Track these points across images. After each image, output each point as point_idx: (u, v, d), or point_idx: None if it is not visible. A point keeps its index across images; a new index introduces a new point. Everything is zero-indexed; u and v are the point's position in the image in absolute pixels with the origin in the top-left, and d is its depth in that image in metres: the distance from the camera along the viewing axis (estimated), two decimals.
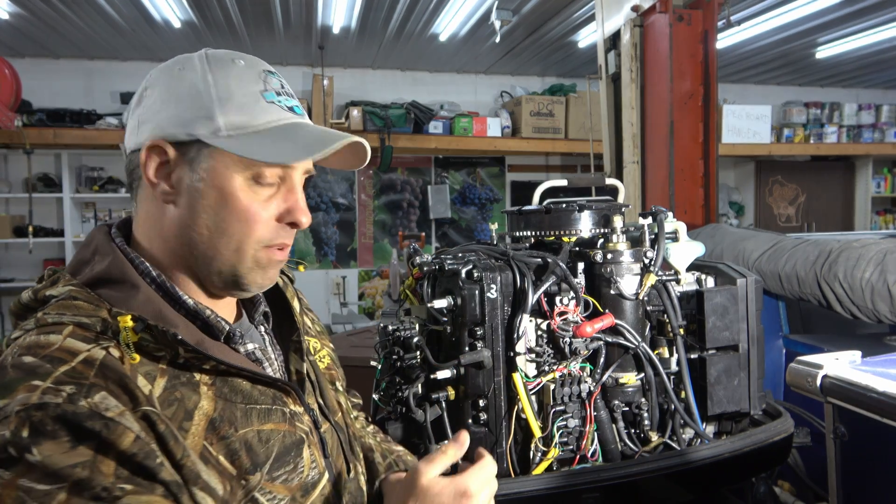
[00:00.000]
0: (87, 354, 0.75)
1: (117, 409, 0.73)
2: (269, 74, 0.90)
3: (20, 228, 5.77)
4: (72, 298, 0.81)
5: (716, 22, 3.62)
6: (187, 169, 0.85)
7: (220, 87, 0.85)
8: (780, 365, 2.75)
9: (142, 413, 0.75)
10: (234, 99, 0.85)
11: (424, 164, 6.91)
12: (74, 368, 0.73)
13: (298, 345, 1.01)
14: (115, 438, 0.71)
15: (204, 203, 0.85)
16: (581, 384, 1.40)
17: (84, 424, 0.70)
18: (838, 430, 1.48)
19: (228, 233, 0.86)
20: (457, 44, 5.77)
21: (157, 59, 6.07)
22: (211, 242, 0.86)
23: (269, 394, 0.89)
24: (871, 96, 7.80)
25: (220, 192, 0.85)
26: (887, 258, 2.23)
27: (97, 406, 0.71)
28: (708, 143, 3.67)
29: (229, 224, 0.86)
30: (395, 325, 1.55)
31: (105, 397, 0.73)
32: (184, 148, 0.85)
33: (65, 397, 0.70)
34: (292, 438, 0.90)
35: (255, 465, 0.83)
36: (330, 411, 1.03)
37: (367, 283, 6.80)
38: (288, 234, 0.90)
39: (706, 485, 1.49)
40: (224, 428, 0.82)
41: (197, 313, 0.88)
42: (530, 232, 1.66)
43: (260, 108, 0.86)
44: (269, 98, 0.88)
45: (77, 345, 0.76)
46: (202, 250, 0.87)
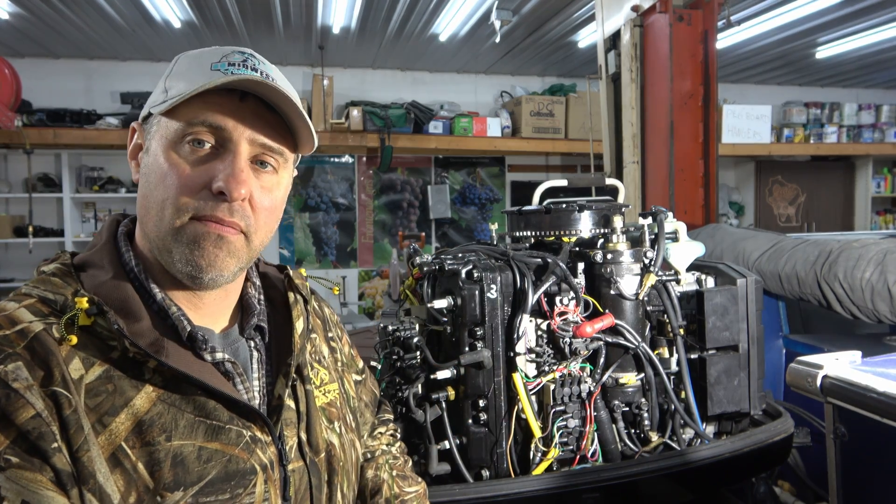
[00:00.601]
0: (25, 326, 0.75)
1: (26, 381, 0.72)
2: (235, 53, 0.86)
3: (20, 228, 5.77)
4: (52, 275, 0.83)
5: (716, 22, 3.62)
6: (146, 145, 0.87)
7: (178, 66, 0.87)
8: (780, 365, 2.75)
9: (51, 392, 0.73)
10: (182, 73, 0.85)
11: (424, 164, 6.91)
12: (6, 336, 0.74)
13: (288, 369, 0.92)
14: (14, 410, 0.70)
15: (145, 172, 0.85)
16: (581, 384, 1.40)
17: None
18: (838, 430, 1.48)
19: (153, 198, 0.82)
20: (457, 44, 5.77)
21: (157, 59, 6.07)
22: (149, 212, 0.83)
23: (226, 411, 0.83)
24: (871, 96, 7.80)
25: (154, 158, 0.84)
26: (887, 258, 2.23)
27: (6, 374, 0.71)
28: (708, 143, 3.67)
29: (154, 188, 0.82)
30: (395, 325, 1.55)
31: (18, 367, 0.72)
32: (146, 125, 0.87)
33: None
34: (239, 466, 0.82)
35: (178, 483, 0.77)
36: (311, 450, 0.93)
37: (367, 283, 6.80)
38: (221, 208, 0.82)
39: (706, 485, 1.49)
40: (152, 433, 0.77)
41: (161, 309, 0.84)
42: (530, 232, 1.66)
43: (202, 76, 0.83)
44: (215, 67, 0.84)
45: (23, 315, 0.77)
46: (146, 223, 0.85)
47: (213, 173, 0.82)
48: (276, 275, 1.05)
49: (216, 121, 0.82)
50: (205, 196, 0.81)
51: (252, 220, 0.85)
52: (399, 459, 1.19)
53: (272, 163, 0.88)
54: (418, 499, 1.15)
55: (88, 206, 6.03)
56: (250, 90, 0.84)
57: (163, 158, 0.82)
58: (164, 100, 0.83)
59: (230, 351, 0.90)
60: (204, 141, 0.83)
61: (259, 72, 0.85)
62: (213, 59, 0.85)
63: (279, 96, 0.84)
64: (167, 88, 0.84)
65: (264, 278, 1.03)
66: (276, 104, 0.86)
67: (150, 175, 0.84)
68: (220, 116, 0.83)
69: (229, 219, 0.82)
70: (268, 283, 1.02)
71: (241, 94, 0.84)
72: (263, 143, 0.86)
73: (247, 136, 0.84)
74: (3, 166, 6.01)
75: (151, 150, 0.84)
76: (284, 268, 1.06)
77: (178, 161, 0.82)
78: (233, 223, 0.83)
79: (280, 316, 0.99)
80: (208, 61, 0.85)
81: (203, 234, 0.82)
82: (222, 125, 0.83)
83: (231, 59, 0.85)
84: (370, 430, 1.21)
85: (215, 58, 0.85)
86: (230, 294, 0.93)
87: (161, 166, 0.82)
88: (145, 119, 0.88)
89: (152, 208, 0.83)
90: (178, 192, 0.81)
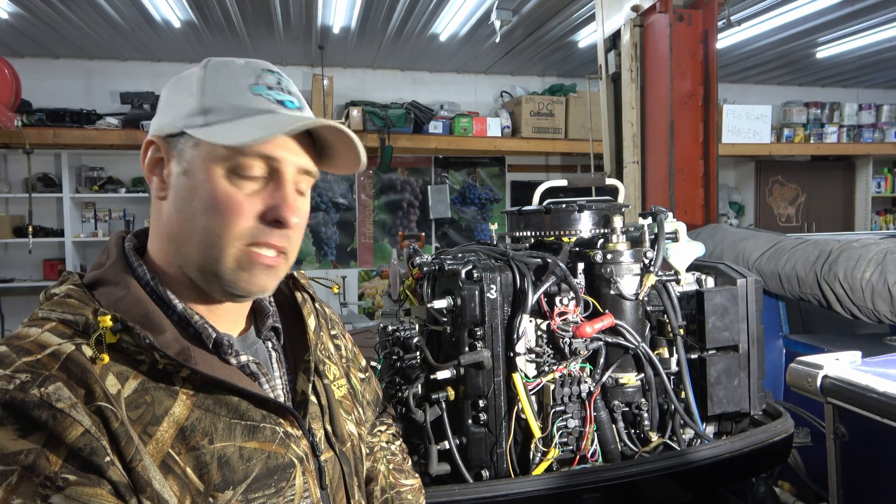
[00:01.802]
0: (56, 348, 0.75)
1: (69, 400, 0.72)
2: (266, 73, 0.88)
3: (20, 228, 5.76)
4: (66, 297, 0.82)
5: (716, 22, 3.62)
6: (175, 162, 0.85)
7: (210, 81, 0.86)
8: (780, 365, 2.75)
9: (95, 408, 0.73)
10: (219, 90, 0.85)
11: (424, 164, 6.90)
12: (39, 360, 0.74)
13: (308, 365, 0.97)
14: (63, 430, 0.70)
15: (185, 196, 0.84)
16: (581, 384, 1.40)
17: (31, 413, 0.70)
18: (838, 431, 1.48)
19: (207, 227, 0.83)
20: (457, 44, 5.77)
21: (157, 59, 6.07)
22: (192, 237, 0.84)
23: (258, 410, 0.86)
24: (871, 96, 7.79)
25: (200, 183, 0.83)
26: (887, 258, 2.23)
27: (48, 396, 0.71)
28: (708, 143, 3.67)
29: (209, 217, 0.83)
30: (395, 325, 1.55)
31: (59, 388, 0.72)
32: (172, 141, 0.85)
33: (17, 384, 0.70)
34: (279, 461, 0.85)
35: (227, 483, 0.80)
36: (338, 440, 0.98)
37: (367, 283, 6.79)
38: (274, 235, 0.84)
39: (706, 485, 1.49)
40: (195, 438, 0.79)
41: (182, 319, 0.86)
42: (530, 232, 1.66)
43: (244, 99, 0.84)
44: (256, 91, 0.85)
45: (51, 339, 0.76)
46: (185, 245, 0.85)
47: (269, 203, 0.84)
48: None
49: (269, 152, 0.84)
50: (259, 224, 0.84)
51: (292, 241, 0.88)
52: (397, 456, 1.21)
53: (304, 186, 0.90)
54: (413, 492, 1.17)
55: (88, 206, 6.02)
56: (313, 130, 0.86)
57: (213, 186, 0.82)
58: (205, 122, 0.83)
59: (250, 353, 0.92)
60: (256, 169, 0.84)
61: (293, 94, 0.89)
62: (250, 80, 0.86)
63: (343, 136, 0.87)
64: (205, 109, 0.84)
65: None
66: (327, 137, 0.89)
67: (192, 199, 0.83)
68: (276, 149, 0.84)
69: (279, 244, 0.86)
70: None
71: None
72: (307, 170, 0.89)
73: (295, 164, 0.87)
74: (2, 166, 6.01)
75: (192, 173, 0.83)
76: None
77: (231, 190, 0.83)
78: (282, 247, 0.86)
79: (288, 317, 1.02)
80: (245, 81, 0.86)
81: (255, 264, 0.85)
82: (275, 156, 0.84)
83: (267, 82, 0.87)
84: (370, 429, 1.22)
85: (250, 78, 0.86)
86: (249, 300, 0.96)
87: (211, 193, 0.82)
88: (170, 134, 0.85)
89: (196, 233, 0.84)
90: (233, 222, 0.83)
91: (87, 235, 5.95)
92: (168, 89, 0.90)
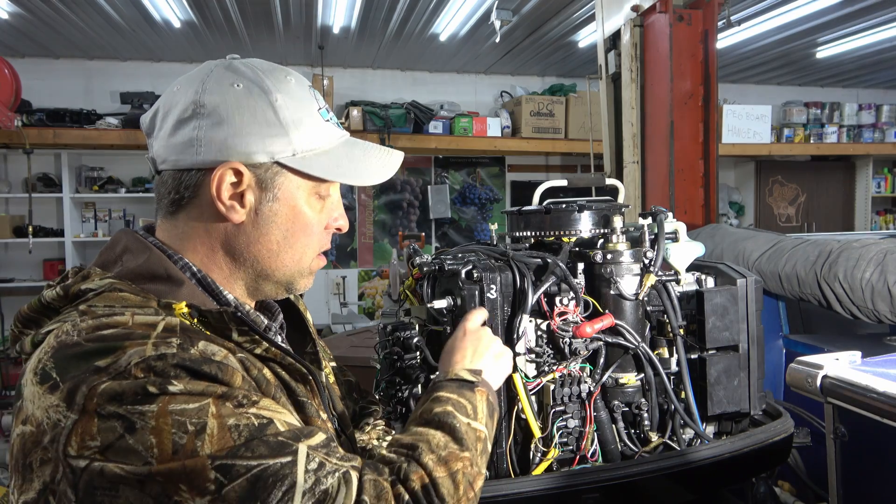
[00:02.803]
0: (165, 322, 0.78)
1: (221, 352, 0.78)
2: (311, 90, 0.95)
3: (20, 228, 5.76)
4: (115, 290, 0.82)
5: (716, 22, 3.62)
6: (259, 188, 0.89)
7: (290, 109, 0.89)
8: (780, 365, 2.75)
9: (238, 359, 0.80)
10: (303, 121, 0.90)
11: (424, 164, 6.90)
12: (161, 334, 0.76)
13: (314, 356, 1.05)
14: (230, 378, 0.76)
15: (276, 220, 0.90)
16: (581, 384, 1.40)
17: (201, 368, 0.75)
18: (838, 431, 1.48)
19: (296, 245, 0.93)
20: (457, 44, 5.77)
21: (157, 59, 6.08)
22: (279, 256, 0.92)
23: (302, 389, 0.91)
24: (871, 96, 7.79)
25: (291, 209, 0.91)
26: (887, 258, 2.23)
27: (205, 352, 0.76)
28: (708, 143, 3.67)
29: (297, 238, 0.92)
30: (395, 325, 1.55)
31: (207, 344, 0.78)
32: (257, 170, 0.88)
33: (177, 347, 0.75)
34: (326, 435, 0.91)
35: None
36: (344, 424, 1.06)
37: (367, 283, 6.79)
38: (331, 239, 0.98)
39: (706, 485, 1.49)
40: (281, 401, 0.85)
41: (237, 308, 0.90)
42: (530, 232, 1.66)
43: (322, 129, 0.93)
44: (325, 117, 0.94)
45: (149, 318, 0.78)
46: (268, 263, 0.92)
47: (333, 215, 0.97)
48: None
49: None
50: (326, 234, 0.97)
51: None
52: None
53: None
54: None
55: (88, 206, 6.02)
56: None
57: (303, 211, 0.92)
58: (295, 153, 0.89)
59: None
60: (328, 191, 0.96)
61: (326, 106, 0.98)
62: (313, 105, 0.94)
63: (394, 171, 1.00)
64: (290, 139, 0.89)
65: None
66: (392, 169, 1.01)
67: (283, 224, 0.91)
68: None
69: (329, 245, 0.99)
70: None
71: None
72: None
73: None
74: (2, 166, 6.01)
75: (282, 200, 0.90)
76: None
77: (316, 212, 0.94)
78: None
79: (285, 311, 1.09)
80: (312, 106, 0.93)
81: (319, 267, 0.98)
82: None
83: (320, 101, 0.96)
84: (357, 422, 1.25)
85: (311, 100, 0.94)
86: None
87: (301, 218, 0.92)
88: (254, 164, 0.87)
89: (288, 252, 0.93)
90: (315, 238, 0.95)
91: (87, 235, 5.95)
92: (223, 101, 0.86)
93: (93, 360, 0.72)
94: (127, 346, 0.73)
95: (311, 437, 0.77)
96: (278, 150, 0.88)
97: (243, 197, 0.87)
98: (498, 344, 1.16)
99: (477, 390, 0.99)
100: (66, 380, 0.72)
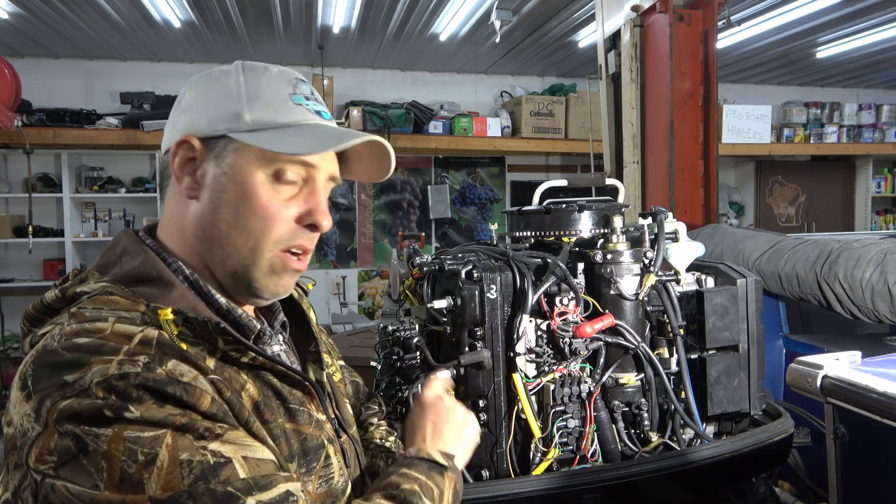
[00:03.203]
0: (143, 335, 0.77)
1: (191, 374, 0.75)
2: (300, 81, 0.92)
3: (20, 228, 5.76)
4: (107, 294, 0.82)
5: (716, 22, 3.62)
6: (212, 163, 0.87)
7: (251, 87, 0.88)
8: (780, 365, 2.75)
9: (209, 380, 0.77)
10: (262, 98, 0.87)
11: (424, 164, 6.90)
12: (134, 348, 0.75)
13: (317, 355, 1.02)
14: (196, 401, 0.74)
15: (225, 198, 0.86)
16: (581, 384, 1.40)
17: (166, 390, 0.72)
18: (838, 431, 1.48)
19: (247, 229, 0.86)
20: (457, 44, 5.77)
21: (157, 59, 6.07)
22: (229, 239, 0.86)
23: (296, 395, 0.89)
24: (871, 96, 7.79)
25: (241, 187, 0.86)
26: (887, 258, 2.23)
27: (172, 372, 0.74)
28: (708, 143, 3.67)
29: (248, 220, 0.86)
30: (395, 325, 1.55)
31: (177, 364, 0.75)
32: (211, 143, 0.87)
33: (142, 366, 0.73)
34: (315, 442, 0.90)
35: (292, 456, 0.85)
36: (346, 423, 1.03)
37: (367, 283, 6.79)
38: (307, 237, 0.89)
39: (706, 485, 1.49)
40: (266, 414, 0.84)
41: (228, 312, 0.89)
42: (530, 232, 1.66)
43: (286, 108, 0.88)
44: (296, 100, 0.89)
45: (129, 328, 0.77)
46: (220, 247, 0.87)
47: (306, 208, 0.88)
48: None
49: (310, 159, 0.88)
50: (297, 228, 0.88)
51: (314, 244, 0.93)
52: (394, 454, 1.22)
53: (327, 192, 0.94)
54: None
55: (88, 206, 6.02)
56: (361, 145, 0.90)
57: (256, 190, 0.85)
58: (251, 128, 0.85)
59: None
60: (296, 175, 0.88)
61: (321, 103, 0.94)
62: (288, 90, 0.90)
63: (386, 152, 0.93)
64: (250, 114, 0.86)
65: None
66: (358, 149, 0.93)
67: (233, 202, 0.86)
68: (314, 156, 0.88)
69: (310, 246, 0.91)
70: None
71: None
72: (334, 177, 0.93)
73: (328, 173, 0.92)
74: (2, 166, 6.01)
75: (234, 176, 0.86)
76: None
77: (272, 195, 0.86)
78: (309, 250, 0.91)
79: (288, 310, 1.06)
80: (284, 90, 0.89)
81: (286, 268, 0.89)
82: (314, 164, 0.89)
83: (304, 92, 0.91)
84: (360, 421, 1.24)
85: (287, 87, 0.90)
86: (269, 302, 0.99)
87: (253, 198, 0.85)
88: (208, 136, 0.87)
89: (236, 236, 0.86)
90: (273, 226, 0.86)
91: (87, 235, 5.95)
92: (196, 88, 0.90)
93: (62, 373, 0.72)
94: (93, 362, 0.72)
95: (266, 491, 0.73)
96: (228, 122, 0.86)
97: (196, 171, 0.87)
98: (460, 414, 1.08)
99: (446, 475, 0.95)
100: (36, 391, 0.73)
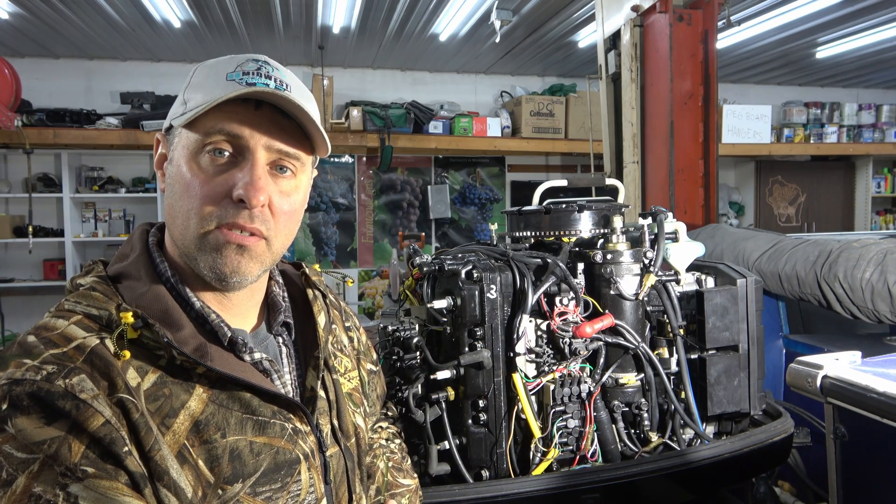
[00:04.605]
0: (81, 342, 0.78)
1: (92, 392, 0.74)
2: (250, 62, 0.88)
3: (20, 228, 5.76)
4: (91, 289, 0.85)
5: (716, 22, 3.62)
6: (170, 155, 0.90)
7: (197, 77, 0.89)
8: (780, 365, 2.75)
9: (117, 399, 0.76)
10: (201, 84, 0.87)
11: (424, 164, 6.90)
12: (65, 353, 0.76)
13: (317, 361, 0.98)
14: (85, 419, 0.73)
15: (171, 183, 0.88)
16: (581, 384, 1.40)
17: (56, 403, 0.72)
18: (838, 431, 1.48)
19: (182, 211, 0.86)
20: (457, 44, 5.77)
21: (157, 59, 6.07)
22: (175, 224, 0.87)
23: (269, 406, 0.88)
24: (871, 96, 7.79)
25: (178, 169, 0.87)
26: (887, 258, 2.23)
27: (72, 387, 0.74)
28: (708, 143, 3.67)
29: (179, 200, 0.86)
30: (395, 325, 1.55)
31: (83, 380, 0.75)
32: (168, 137, 0.90)
33: (44, 375, 0.73)
34: (286, 456, 0.87)
35: (236, 476, 0.82)
36: (343, 435, 1.00)
37: (367, 283, 6.79)
38: (242, 215, 0.84)
39: (706, 485, 1.49)
40: (209, 432, 0.81)
41: (199, 316, 0.88)
42: (530, 232, 1.66)
43: (217, 85, 0.85)
44: (230, 77, 0.86)
45: (76, 332, 0.79)
46: (173, 234, 0.89)
47: (233, 182, 0.84)
48: (294, 272, 1.09)
49: (233, 129, 0.85)
50: (226, 204, 0.84)
51: (272, 225, 0.88)
52: (397, 454, 1.22)
53: (290, 167, 0.90)
54: (410, 493, 1.18)
55: (88, 206, 6.02)
56: (265, 100, 0.87)
57: (185, 169, 0.85)
58: (184, 112, 0.86)
59: (261, 348, 0.94)
60: (223, 150, 0.85)
61: (274, 79, 0.88)
62: (228, 69, 0.87)
63: (291, 105, 0.87)
64: (186, 100, 0.87)
65: (284, 276, 1.07)
66: (290, 112, 0.89)
67: (174, 185, 0.87)
68: (237, 125, 0.85)
69: (250, 225, 0.85)
70: (287, 280, 1.07)
71: (257, 104, 0.87)
72: (280, 149, 0.88)
73: (263, 143, 0.87)
74: (2, 166, 6.01)
75: (175, 161, 0.88)
76: (300, 265, 1.11)
77: (199, 171, 0.85)
78: (253, 229, 0.86)
79: (301, 311, 1.04)
80: (223, 71, 0.87)
81: (224, 244, 0.85)
82: (239, 133, 0.85)
83: (245, 68, 0.87)
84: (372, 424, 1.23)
85: (230, 67, 0.87)
86: (255, 293, 0.97)
87: (184, 176, 0.85)
88: (168, 130, 0.90)
89: (178, 217, 0.86)
90: (201, 202, 0.84)
91: (87, 235, 5.95)
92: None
93: None
94: (12, 363, 0.74)
95: None
96: (177, 113, 0.88)
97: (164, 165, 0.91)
98: None
99: None
100: None
